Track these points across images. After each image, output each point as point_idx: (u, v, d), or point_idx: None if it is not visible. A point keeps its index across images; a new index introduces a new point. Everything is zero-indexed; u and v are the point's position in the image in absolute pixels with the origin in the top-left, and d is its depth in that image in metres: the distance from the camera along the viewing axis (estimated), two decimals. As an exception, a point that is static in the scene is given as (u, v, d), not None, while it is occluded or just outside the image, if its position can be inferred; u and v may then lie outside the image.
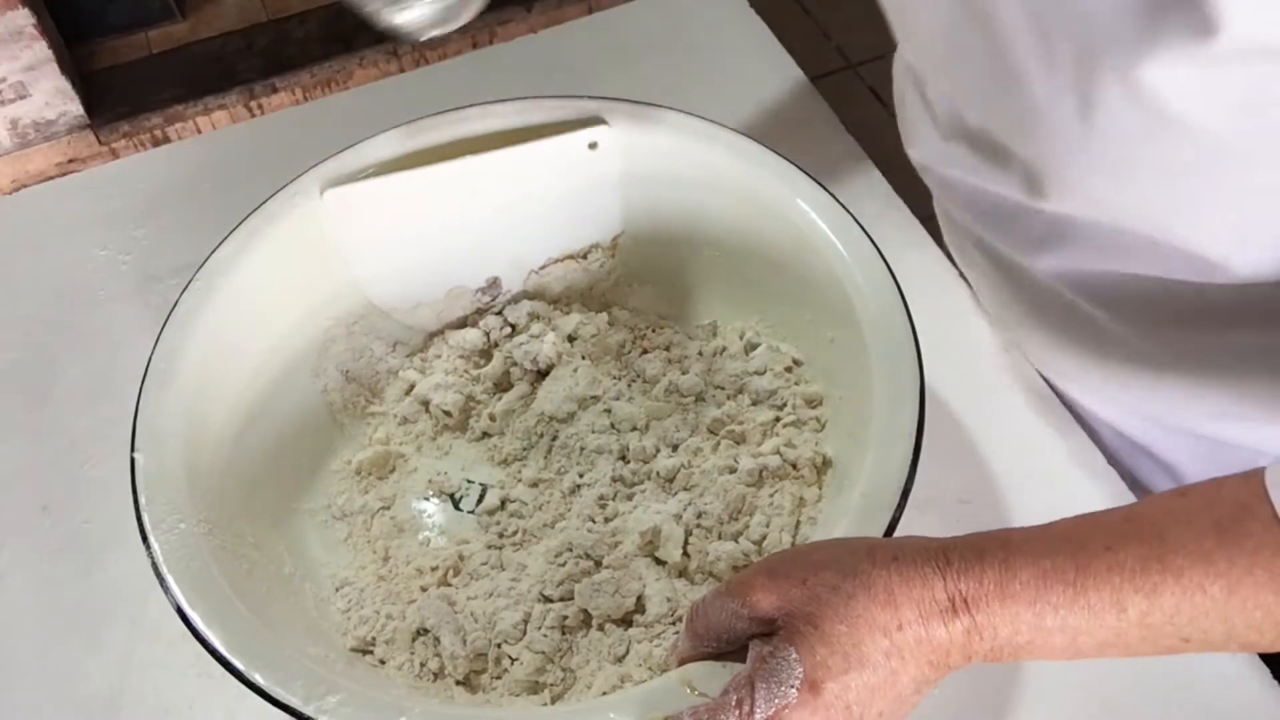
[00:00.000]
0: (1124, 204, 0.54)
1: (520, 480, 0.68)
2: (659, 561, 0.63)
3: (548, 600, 0.62)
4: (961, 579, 0.43)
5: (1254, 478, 0.42)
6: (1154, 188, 0.51)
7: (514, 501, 0.68)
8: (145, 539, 0.54)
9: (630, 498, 0.66)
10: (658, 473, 0.67)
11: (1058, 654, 0.43)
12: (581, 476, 0.68)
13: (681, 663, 0.48)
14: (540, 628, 0.60)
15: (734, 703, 0.43)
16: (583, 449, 0.69)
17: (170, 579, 0.52)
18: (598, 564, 0.63)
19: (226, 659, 0.50)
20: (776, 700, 0.42)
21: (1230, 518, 0.41)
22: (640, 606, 0.61)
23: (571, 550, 0.63)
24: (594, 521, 0.65)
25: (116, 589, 0.67)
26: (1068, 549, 0.43)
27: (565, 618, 0.61)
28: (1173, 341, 0.60)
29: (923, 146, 0.67)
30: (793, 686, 0.42)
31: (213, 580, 0.53)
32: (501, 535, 0.66)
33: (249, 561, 0.58)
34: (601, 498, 0.66)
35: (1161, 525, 0.42)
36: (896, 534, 0.52)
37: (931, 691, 0.44)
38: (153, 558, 0.53)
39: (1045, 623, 0.42)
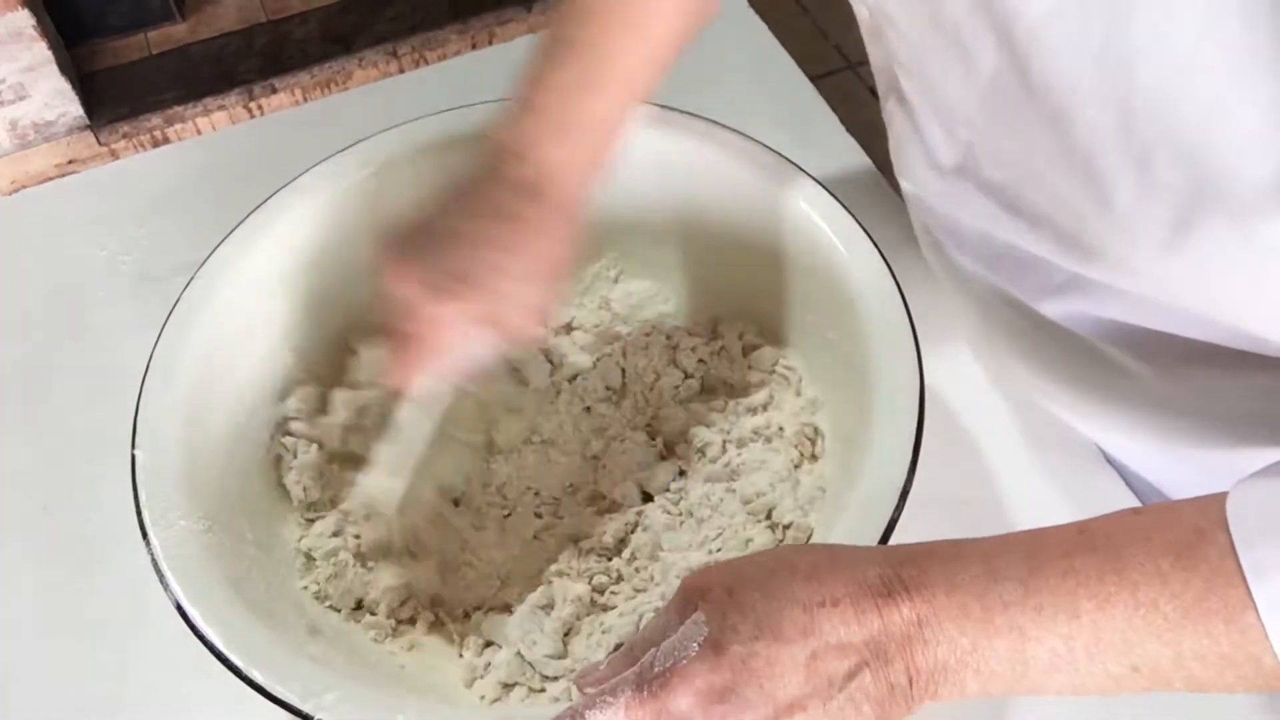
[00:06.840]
0: (1195, 297, 0.49)
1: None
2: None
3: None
4: (903, 566, 0.42)
5: (1212, 504, 0.41)
6: (1239, 294, 0.47)
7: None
8: (145, 536, 0.54)
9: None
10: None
11: (1003, 668, 0.41)
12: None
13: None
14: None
15: (637, 659, 0.43)
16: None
17: (170, 576, 0.52)
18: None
19: (226, 657, 0.50)
20: (676, 654, 0.41)
21: (1186, 542, 0.40)
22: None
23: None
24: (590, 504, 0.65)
25: (116, 589, 0.67)
26: (1021, 551, 0.42)
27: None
28: (1195, 379, 0.57)
29: (917, 179, 0.62)
30: (695, 643, 0.41)
31: (212, 577, 0.53)
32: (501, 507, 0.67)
33: (248, 559, 0.58)
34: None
35: (1118, 541, 0.41)
36: (896, 534, 0.52)
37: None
38: (152, 555, 0.53)
39: (994, 620, 0.41)
